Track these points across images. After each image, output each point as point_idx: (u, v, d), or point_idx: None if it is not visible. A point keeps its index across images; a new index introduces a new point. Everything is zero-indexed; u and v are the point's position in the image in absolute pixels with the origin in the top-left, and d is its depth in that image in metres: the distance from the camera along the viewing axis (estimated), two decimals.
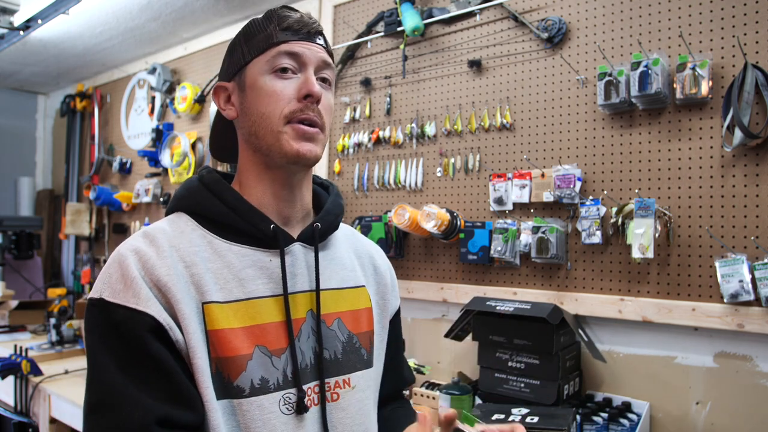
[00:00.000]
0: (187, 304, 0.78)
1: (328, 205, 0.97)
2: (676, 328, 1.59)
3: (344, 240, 1.02)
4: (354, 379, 0.91)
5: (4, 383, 2.51)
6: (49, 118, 4.59)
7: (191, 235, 0.85)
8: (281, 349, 0.84)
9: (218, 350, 0.78)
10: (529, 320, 1.62)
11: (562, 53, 1.82)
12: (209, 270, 0.82)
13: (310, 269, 0.90)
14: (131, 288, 0.76)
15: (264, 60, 0.85)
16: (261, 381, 0.81)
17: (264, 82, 0.85)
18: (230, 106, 0.91)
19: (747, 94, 1.45)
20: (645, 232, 1.56)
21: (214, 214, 0.87)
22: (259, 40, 0.87)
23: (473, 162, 2.02)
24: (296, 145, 0.84)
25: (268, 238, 0.86)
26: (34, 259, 3.87)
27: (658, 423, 1.62)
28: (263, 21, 0.89)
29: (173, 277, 0.78)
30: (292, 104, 0.84)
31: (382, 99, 2.30)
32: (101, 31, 3.12)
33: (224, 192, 0.87)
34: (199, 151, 3.06)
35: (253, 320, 0.82)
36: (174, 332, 0.76)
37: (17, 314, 3.31)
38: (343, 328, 0.92)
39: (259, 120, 0.85)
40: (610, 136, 1.72)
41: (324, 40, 0.90)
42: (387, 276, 1.06)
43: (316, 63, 0.87)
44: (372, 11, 2.34)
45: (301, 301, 0.88)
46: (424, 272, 2.15)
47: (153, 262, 0.78)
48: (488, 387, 1.72)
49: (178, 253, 0.81)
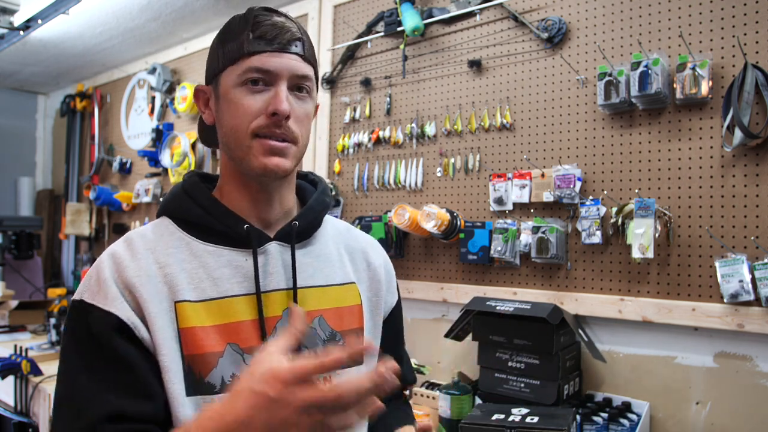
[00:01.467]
0: (157, 303, 0.81)
1: (310, 202, 0.97)
2: (676, 328, 1.59)
3: (335, 236, 1.02)
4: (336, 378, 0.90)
5: (4, 383, 2.51)
6: (49, 118, 4.59)
7: (170, 237, 0.88)
8: (254, 347, 0.84)
9: (190, 347, 0.81)
10: (529, 320, 1.62)
11: (562, 53, 1.82)
12: (184, 270, 0.85)
13: (287, 267, 0.90)
14: (102, 289, 0.80)
15: (236, 72, 0.85)
16: (232, 378, 0.82)
17: (234, 95, 0.85)
18: (208, 110, 0.93)
19: (747, 94, 1.45)
20: (645, 232, 1.56)
21: (191, 216, 0.90)
22: (232, 47, 0.86)
23: (473, 162, 2.02)
24: (264, 159, 0.84)
25: (243, 238, 0.88)
26: (34, 259, 3.87)
27: (658, 423, 1.62)
28: (239, 24, 0.87)
29: (143, 278, 0.81)
30: (260, 119, 0.84)
31: (382, 99, 2.30)
32: (101, 31, 3.12)
33: (200, 196, 0.90)
34: (199, 151, 3.06)
35: (225, 318, 0.84)
36: (139, 330, 0.79)
37: (17, 314, 3.31)
38: (324, 325, 0.92)
39: (230, 132, 0.87)
40: (610, 136, 1.72)
41: (302, 46, 0.88)
42: (381, 272, 1.05)
43: (288, 76, 0.85)
44: (372, 11, 2.34)
45: (276, 299, 0.88)
46: (424, 272, 2.15)
47: (125, 264, 0.82)
48: (488, 387, 1.72)
49: (154, 255, 0.85)
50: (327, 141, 2.47)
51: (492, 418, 1.41)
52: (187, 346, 0.81)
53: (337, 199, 2.40)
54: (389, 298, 1.06)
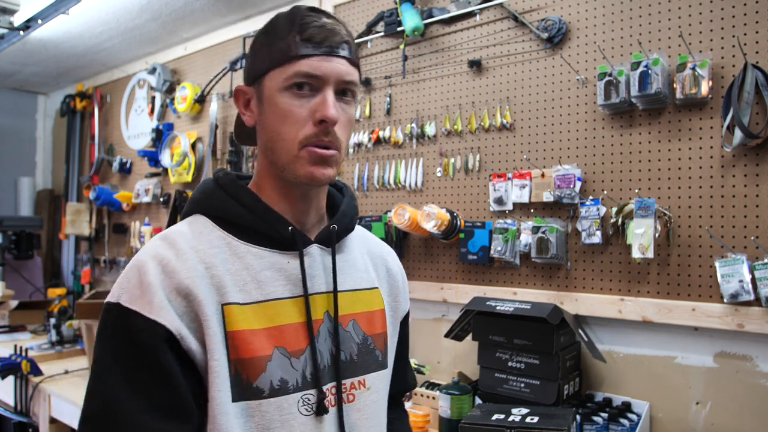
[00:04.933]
0: (209, 305, 0.78)
1: (343, 207, 0.97)
2: (676, 328, 1.59)
3: (358, 241, 1.02)
4: (369, 380, 0.92)
5: (4, 383, 2.51)
6: (49, 118, 4.59)
7: (210, 236, 0.85)
8: (300, 351, 0.84)
9: (237, 352, 0.79)
10: (529, 320, 1.62)
11: (562, 53, 1.82)
12: (228, 271, 0.82)
13: (327, 271, 0.90)
14: (146, 295, 0.76)
15: (282, 75, 0.82)
16: (280, 382, 0.81)
17: (280, 100, 0.83)
18: (249, 112, 0.90)
19: (747, 94, 1.45)
20: (645, 232, 1.56)
21: (231, 215, 0.87)
22: (279, 48, 0.83)
23: (473, 162, 2.02)
24: (311, 168, 0.83)
25: (286, 240, 0.87)
26: (34, 259, 3.87)
27: (658, 423, 1.62)
28: (285, 23, 0.84)
29: (195, 279, 0.78)
30: (308, 128, 0.82)
31: (382, 99, 2.30)
32: (101, 31, 3.12)
33: (241, 193, 0.88)
34: (199, 151, 3.06)
35: (272, 321, 0.83)
36: (186, 341, 0.76)
37: (17, 314, 3.31)
38: (358, 329, 0.93)
39: (275, 137, 0.84)
40: (610, 136, 1.72)
41: (349, 49, 0.86)
42: (399, 278, 1.06)
43: (336, 80, 0.83)
44: (372, 11, 2.34)
45: (319, 302, 0.88)
46: (424, 272, 2.15)
47: (173, 266, 0.78)
48: (488, 387, 1.72)
49: (198, 254, 0.81)
50: None
51: (492, 418, 1.41)
52: (235, 350, 0.78)
53: None
54: (404, 304, 1.07)
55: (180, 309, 0.77)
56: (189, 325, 0.77)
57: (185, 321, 0.77)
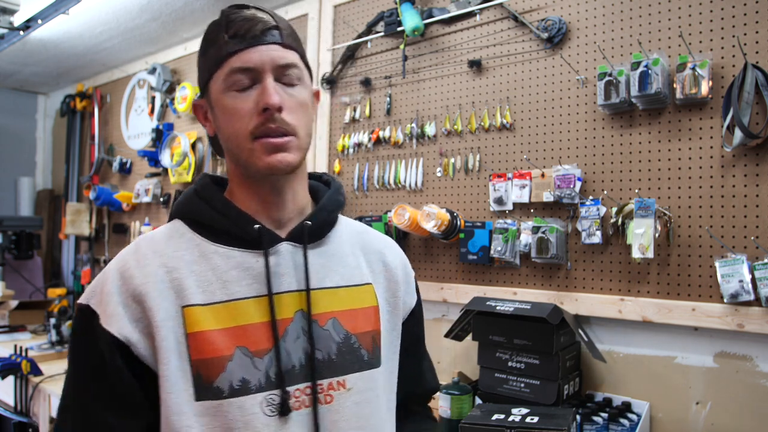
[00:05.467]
0: (164, 309, 0.81)
1: (323, 201, 0.95)
2: (676, 328, 1.59)
3: (351, 236, 1.00)
4: (350, 380, 0.89)
5: (4, 383, 2.51)
6: (49, 118, 4.59)
7: (180, 239, 0.88)
8: (264, 350, 0.83)
9: (198, 352, 0.80)
10: (529, 320, 1.62)
11: (562, 53, 1.82)
12: (193, 273, 0.84)
13: (299, 268, 0.89)
14: (103, 303, 0.81)
15: (220, 78, 0.84)
16: (241, 382, 0.81)
17: (225, 102, 0.84)
18: (208, 123, 0.92)
19: (747, 94, 1.45)
20: (645, 232, 1.56)
21: (202, 218, 0.89)
22: (213, 53, 0.85)
23: (473, 162, 2.02)
24: (267, 158, 0.83)
25: (254, 239, 0.87)
26: (34, 259, 3.87)
27: (658, 423, 1.62)
28: (214, 27, 0.86)
29: (150, 285, 0.82)
30: (254, 119, 0.83)
31: (382, 99, 2.30)
32: (101, 31, 3.12)
33: (211, 196, 0.89)
34: (199, 151, 3.06)
35: (234, 321, 0.83)
36: (136, 347, 0.80)
37: (17, 314, 3.31)
38: (339, 327, 0.90)
39: (230, 137, 0.86)
40: (610, 136, 1.72)
41: (279, 34, 0.85)
42: (398, 272, 1.02)
43: (271, 67, 0.83)
44: (372, 11, 2.34)
45: (288, 301, 0.87)
46: (424, 272, 2.15)
47: (131, 273, 0.83)
48: (488, 387, 1.72)
49: (161, 258, 0.84)
50: (327, 141, 2.47)
51: (492, 418, 1.41)
52: (196, 351, 0.80)
53: None
54: (408, 299, 1.04)
55: (136, 314, 0.81)
56: (144, 329, 0.80)
57: (140, 326, 0.80)
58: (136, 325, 0.80)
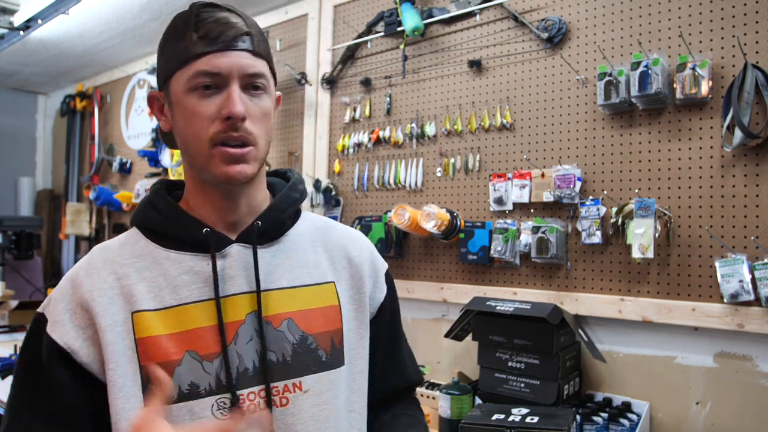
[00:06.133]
0: (110, 316, 0.81)
1: (275, 201, 0.93)
2: (676, 328, 1.59)
3: (312, 233, 0.97)
4: (307, 382, 0.87)
5: (4, 383, 2.51)
6: (49, 118, 4.59)
7: (133, 247, 0.88)
8: (214, 354, 0.82)
9: (147, 357, 0.80)
10: (529, 320, 1.62)
11: (562, 53, 1.82)
12: (144, 279, 0.84)
13: (250, 270, 0.87)
14: (52, 311, 0.82)
15: (184, 77, 0.81)
16: (190, 386, 0.80)
17: (186, 102, 0.82)
18: (164, 117, 0.89)
19: (747, 94, 1.45)
20: (645, 232, 1.56)
21: (152, 224, 0.89)
22: (178, 49, 0.82)
23: (473, 162, 2.02)
24: (225, 168, 0.81)
25: (202, 243, 0.86)
26: (34, 259, 3.87)
27: (658, 423, 1.62)
28: (182, 23, 0.83)
29: (98, 292, 0.82)
30: (216, 125, 0.80)
31: (382, 99, 2.30)
32: (101, 31, 3.12)
33: (159, 202, 0.89)
34: None
35: (183, 326, 0.82)
36: (79, 355, 0.80)
37: (17, 314, 3.30)
38: (294, 328, 0.88)
39: (188, 139, 0.84)
40: (610, 136, 1.72)
41: (251, 41, 0.83)
42: (364, 268, 0.98)
43: (238, 74, 0.81)
44: (372, 11, 2.34)
45: (238, 303, 0.85)
46: (424, 272, 2.15)
47: (80, 281, 0.83)
48: (488, 387, 1.72)
49: (112, 266, 0.85)
50: (327, 141, 2.47)
51: (492, 418, 1.41)
52: (145, 356, 0.80)
53: (337, 199, 2.40)
54: (376, 294, 1.00)
55: (83, 322, 0.81)
56: (90, 337, 0.80)
57: (86, 333, 0.80)
58: (81, 333, 0.80)
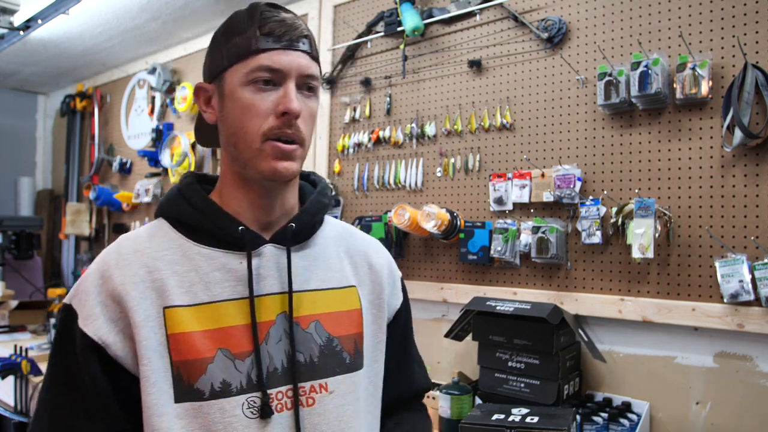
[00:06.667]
0: (143, 310, 0.80)
1: (307, 204, 0.94)
2: (676, 328, 1.59)
3: (336, 238, 0.99)
4: (332, 383, 0.88)
5: (4, 383, 2.51)
6: (49, 118, 4.59)
7: (163, 239, 0.87)
8: (245, 353, 0.83)
9: (179, 353, 0.80)
10: (529, 320, 1.62)
11: (562, 53, 1.82)
12: (175, 273, 0.83)
13: (282, 271, 0.88)
14: (82, 303, 0.82)
15: (243, 70, 0.83)
16: (222, 384, 0.81)
17: (242, 94, 0.83)
18: (210, 109, 0.90)
19: (747, 94, 1.45)
20: (645, 232, 1.56)
21: (185, 217, 0.88)
22: (238, 44, 0.84)
23: (473, 162, 2.02)
24: (273, 163, 0.83)
25: (237, 241, 0.86)
26: (34, 259, 3.87)
27: (658, 423, 1.62)
28: (245, 19, 0.85)
29: (130, 285, 0.81)
30: (270, 120, 0.82)
31: (382, 99, 2.30)
32: (101, 31, 3.12)
33: (193, 195, 0.89)
34: (199, 151, 3.06)
35: (216, 323, 0.82)
36: (112, 349, 0.80)
37: (17, 314, 3.31)
38: (321, 330, 0.89)
39: (238, 132, 0.84)
40: (610, 136, 1.72)
41: (309, 44, 0.86)
42: (383, 274, 1.01)
43: (297, 74, 0.84)
44: (372, 11, 2.34)
45: (270, 303, 0.86)
46: (424, 272, 2.15)
47: (110, 273, 0.82)
48: (488, 387, 1.72)
49: (142, 258, 0.84)
50: (327, 141, 2.47)
51: (492, 418, 1.41)
52: (177, 352, 0.79)
53: (337, 199, 2.40)
54: (393, 301, 1.03)
55: (114, 314, 0.80)
56: (123, 330, 0.80)
57: (119, 326, 0.80)
58: (113, 326, 0.80)
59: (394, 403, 1.04)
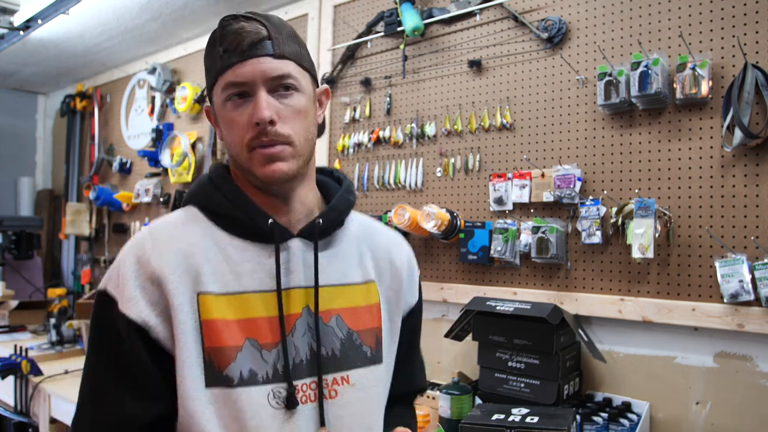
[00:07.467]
0: (181, 293, 0.82)
1: (334, 201, 0.96)
2: (676, 328, 1.59)
3: (359, 233, 1.01)
4: (354, 376, 0.91)
5: (4, 383, 2.51)
6: (49, 118, 4.59)
7: (195, 226, 0.89)
8: (272, 344, 0.85)
9: (210, 339, 0.82)
10: (529, 320, 1.62)
11: (562, 53, 1.82)
12: (208, 260, 0.85)
13: (308, 265, 0.90)
14: (121, 286, 0.82)
15: (218, 90, 0.86)
16: (249, 373, 0.83)
17: (225, 113, 0.86)
18: (218, 127, 0.93)
19: (747, 94, 1.45)
20: (645, 232, 1.56)
21: (216, 206, 0.90)
22: (211, 67, 0.87)
23: (473, 162, 2.02)
24: (263, 168, 0.85)
25: (266, 234, 0.88)
26: (34, 259, 3.87)
27: (658, 423, 1.62)
28: (212, 39, 0.87)
29: (168, 268, 0.82)
30: (249, 132, 0.84)
31: (382, 99, 2.30)
32: (101, 31, 3.12)
33: (225, 186, 0.90)
34: (199, 151, 3.06)
35: (245, 313, 0.84)
36: (153, 330, 0.81)
37: (17, 314, 3.31)
38: (342, 324, 0.92)
39: (231, 147, 0.88)
40: (610, 136, 1.72)
41: (271, 44, 0.84)
42: (403, 270, 1.03)
43: (263, 79, 0.83)
44: (372, 11, 2.34)
45: (296, 296, 0.88)
46: (424, 272, 2.15)
47: (148, 256, 0.83)
48: (488, 387, 1.72)
49: (177, 243, 0.85)
50: (327, 141, 2.47)
51: (492, 418, 1.41)
52: (209, 338, 0.81)
53: None
54: (409, 298, 1.05)
55: (154, 297, 0.81)
56: (162, 312, 0.81)
57: (158, 308, 0.81)
58: (153, 308, 0.81)
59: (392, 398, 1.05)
